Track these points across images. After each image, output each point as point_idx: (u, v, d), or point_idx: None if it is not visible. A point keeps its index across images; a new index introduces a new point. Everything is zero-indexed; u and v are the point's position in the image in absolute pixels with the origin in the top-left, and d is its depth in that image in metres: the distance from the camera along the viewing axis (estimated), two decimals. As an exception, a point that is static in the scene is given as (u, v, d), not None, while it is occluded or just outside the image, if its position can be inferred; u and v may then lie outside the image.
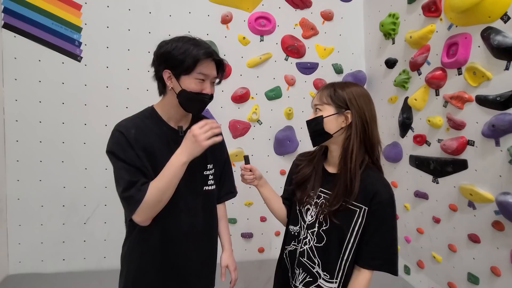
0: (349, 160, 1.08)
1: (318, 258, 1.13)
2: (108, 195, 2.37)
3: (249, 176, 1.27)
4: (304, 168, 1.23)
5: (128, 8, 2.35)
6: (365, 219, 1.08)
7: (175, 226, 1.19)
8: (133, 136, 1.11)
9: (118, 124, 1.17)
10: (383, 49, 2.43)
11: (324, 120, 1.11)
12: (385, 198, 1.08)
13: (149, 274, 1.21)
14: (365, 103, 1.11)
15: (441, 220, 1.94)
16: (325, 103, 1.12)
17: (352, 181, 1.07)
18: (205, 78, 1.14)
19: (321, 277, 1.13)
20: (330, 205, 1.10)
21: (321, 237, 1.13)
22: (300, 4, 2.56)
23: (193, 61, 1.10)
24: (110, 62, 2.34)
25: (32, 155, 2.28)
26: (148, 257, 1.20)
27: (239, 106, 2.52)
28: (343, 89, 1.11)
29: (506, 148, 1.50)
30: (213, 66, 1.16)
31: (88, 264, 2.39)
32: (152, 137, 1.15)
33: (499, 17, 1.50)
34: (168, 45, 1.15)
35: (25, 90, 2.24)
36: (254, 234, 2.61)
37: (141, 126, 1.16)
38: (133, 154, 1.10)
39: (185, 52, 1.11)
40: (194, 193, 1.23)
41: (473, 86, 1.65)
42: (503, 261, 1.57)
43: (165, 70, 1.15)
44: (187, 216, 1.21)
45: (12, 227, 2.29)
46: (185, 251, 1.22)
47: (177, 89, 1.14)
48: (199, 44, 1.14)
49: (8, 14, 2.19)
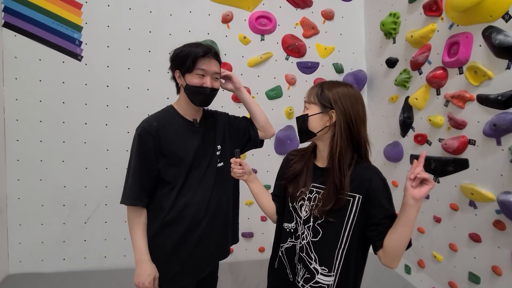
0: (336, 159, 1.10)
1: (314, 253, 1.14)
2: (108, 195, 2.37)
3: (238, 170, 1.28)
4: (295, 164, 1.24)
5: (129, 7, 2.34)
6: (360, 207, 1.10)
7: (195, 201, 1.35)
8: (155, 129, 1.31)
9: (142, 121, 1.35)
10: (384, 48, 2.43)
11: (309, 118, 1.14)
12: (380, 183, 1.11)
13: (170, 244, 1.35)
14: (350, 103, 1.11)
15: (442, 220, 1.94)
16: (312, 102, 1.15)
17: (341, 180, 1.10)
18: (205, 74, 1.32)
19: (319, 272, 1.14)
20: (323, 205, 1.12)
21: (316, 231, 1.14)
22: (301, 3, 2.55)
23: (193, 60, 1.30)
24: (111, 62, 2.34)
25: (33, 154, 2.27)
26: (172, 231, 1.35)
27: (239, 106, 2.51)
28: (330, 89, 1.13)
29: (507, 147, 1.50)
30: (213, 62, 1.34)
31: (88, 264, 2.39)
32: (171, 128, 1.35)
33: (501, 16, 1.50)
34: (177, 50, 1.36)
35: (25, 90, 2.24)
36: (254, 233, 2.61)
37: (162, 119, 1.36)
38: (146, 158, 1.31)
39: (187, 53, 1.31)
40: (211, 172, 1.41)
41: (474, 85, 1.65)
42: (504, 261, 1.57)
43: (176, 71, 1.36)
44: (206, 191, 1.38)
45: (13, 226, 2.28)
46: (202, 224, 1.37)
47: (184, 86, 1.34)
48: (200, 46, 1.34)
49: (9, 13, 2.19)
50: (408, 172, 1.00)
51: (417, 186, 0.98)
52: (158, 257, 1.34)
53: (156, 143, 1.30)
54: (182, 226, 1.34)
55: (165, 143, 1.31)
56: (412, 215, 1.00)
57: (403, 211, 1.01)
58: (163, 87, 1.44)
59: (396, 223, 1.04)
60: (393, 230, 1.05)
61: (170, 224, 1.33)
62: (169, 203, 1.33)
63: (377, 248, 1.09)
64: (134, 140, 1.32)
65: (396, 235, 1.04)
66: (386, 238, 1.06)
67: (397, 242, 1.04)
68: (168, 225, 1.33)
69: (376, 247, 1.10)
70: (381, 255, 1.09)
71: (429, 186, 0.97)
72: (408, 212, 1.00)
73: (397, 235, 1.04)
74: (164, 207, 1.33)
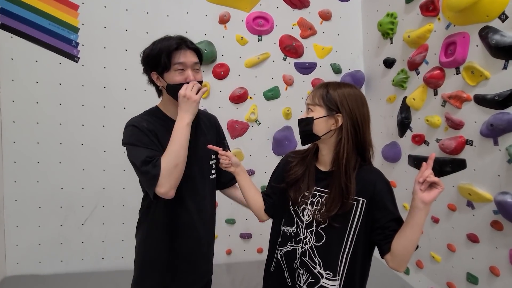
0: (342, 164, 1.08)
1: (318, 257, 1.13)
2: (105, 196, 2.36)
3: (224, 161, 1.27)
4: (296, 167, 1.22)
5: (126, 8, 2.34)
6: (365, 211, 1.09)
7: (188, 210, 1.27)
8: (146, 127, 1.19)
9: (129, 120, 1.24)
10: (381, 48, 2.43)
11: (314, 121, 1.11)
12: (384, 186, 1.11)
13: (163, 256, 1.28)
14: (357, 106, 1.10)
15: (440, 220, 1.94)
16: (317, 104, 1.12)
17: (347, 185, 1.08)
18: (184, 67, 1.20)
19: (323, 277, 1.12)
20: (328, 210, 1.10)
21: (320, 235, 1.13)
22: (298, 4, 2.55)
23: (167, 55, 1.17)
24: (108, 63, 2.33)
25: (30, 156, 2.27)
26: (162, 241, 1.28)
27: (237, 106, 2.51)
28: (336, 91, 1.10)
29: (504, 148, 1.50)
30: (189, 53, 1.21)
31: (86, 265, 2.38)
32: (160, 131, 1.22)
33: (497, 16, 1.50)
34: (147, 50, 1.24)
35: (22, 91, 2.23)
36: (252, 234, 2.61)
37: (150, 122, 1.23)
38: (148, 139, 1.17)
39: (159, 51, 1.19)
40: (204, 180, 1.32)
41: (471, 86, 1.65)
42: (502, 261, 1.56)
43: (152, 73, 1.24)
44: (199, 201, 1.30)
45: (10, 228, 2.28)
46: (195, 234, 1.30)
47: (165, 86, 1.22)
48: (170, 39, 1.22)
49: (5, 14, 2.18)
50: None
51: (426, 189, 0.96)
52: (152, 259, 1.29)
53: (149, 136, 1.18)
54: (172, 236, 1.27)
55: (155, 139, 1.20)
56: (421, 219, 0.98)
57: (411, 214, 0.99)
58: (159, 88, 1.43)
59: (404, 227, 1.03)
60: (401, 234, 1.03)
61: (159, 232, 1.27)
62: (158, 210, 1.25)
63: (385, 252, 1.07)
64: (126, 131, 1.21)
65: (404, 238, 1.02)
66: (394, 242, 1.04)
67: (406, 246, 1.02)
68: (158, 232, 1.28)
69: (383, 251, 1.08)
70: (388, 259, 1.07)
71: (439, 189, 0.95)
72: (416, 216, 0.98)
73: (405, 239, 1.02)
74: (154, 214, 1.26)
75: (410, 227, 1.00)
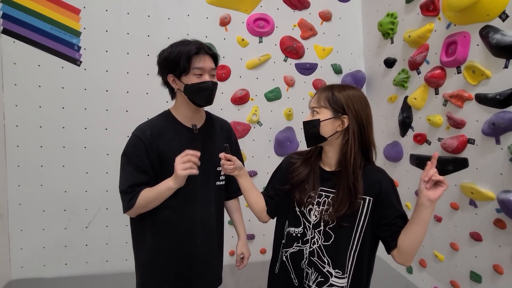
0: (350, 164, 1.11)
1: (327, 256, 1.15)
2: (109, 199, 2.37)
3: (229, 166, 1.25)
4: (300, 168, 1.23)
5: (127, 11, 2.35)
6: (371, 209, 1.12)
7: (189, 217, 1.28)
8: (149, 137, 1.23)
9: (136, 127, 1.29)
10: (382, 48, 2.43)
11: (321, 123, 1.12)
12: (389, 184, 1.15)
13: (164, 262, 1.29)
14: (361, 107, 1.12)
15: (442, 219, 1.94)
16: (322, 106, 1.14)
17: (355, 184, 1.10)
18: (202, 72, 1.24)
19: (332, 275, 1.14)
20: (336, 210, 1.12)
21: (328, 235, 1.15)
22: (298, 5, 2.56)
23: (187, 59, 1.21)
24: (110, 66, 2.34)
25: (33, 160, 2.28)
26: (164, 247, 1.28)
27: (239, 108, 2.52)
28: (341, 93, 1.12)
29: (506, 146, 1.50)
30: (207, 59, 1.26)
31: (90, 268, 2.39)
32: (168, 135, 1.26)
33: (498, 16, 1.50)
34: (165, 52, 1.26)
35: (25, 95, 2.25)
36: (256, 235, 2.61)
37: (158, 127, 1.28)
38: (144, 160, 1.23)
39: (178, 54, 1.21)
40: (208, 187, 1.32)
41: (473, 85, 1.65)
42: (505, 259, 1.57)
43: (168, 75, 1.27)
44: (201, 208, 1.30)
45: (14, 232, 2.29)
46: (198, 241, 1.30)
47: (182, 88, 1.25)
48: (190, 43, 1.25)
49: (7, 19, 2.20)
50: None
51: (431, 187, 1.00)
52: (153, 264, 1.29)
53: (149, 151, 1.23)
54: (174, 243, 1.28)
55: (161, 149, 1.24)
56: (427, 216, 1.02)
57: (418, 211, 1.03)
58: (162, 91, 1.43)
59: (411, 224, 1.06)
60: (407, 230, 1.07)
61: (162, 239, 1.28)
62: (162, 216, 1.26)
63: (391, 248, 1.12)
64: (129, 141, 1.28)
65: (411, 235, 1.06)
66: (400, 239, 1.08)
67: (412, 242, 1.07)
68: (160, 240, 1.28)
69: (390, 247, 1.12)
70: (395, 255, 1.11)
71: (443, 187, 1.00)
72: (423, 213, 1.02)
73: (412, 235, 1.06)
74: (156, 219, 1.27)
75: (417, 223, 1.04)
